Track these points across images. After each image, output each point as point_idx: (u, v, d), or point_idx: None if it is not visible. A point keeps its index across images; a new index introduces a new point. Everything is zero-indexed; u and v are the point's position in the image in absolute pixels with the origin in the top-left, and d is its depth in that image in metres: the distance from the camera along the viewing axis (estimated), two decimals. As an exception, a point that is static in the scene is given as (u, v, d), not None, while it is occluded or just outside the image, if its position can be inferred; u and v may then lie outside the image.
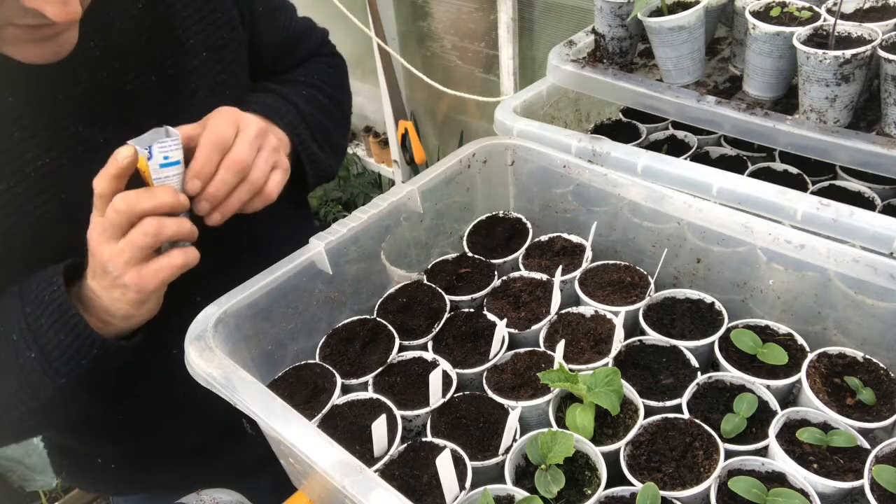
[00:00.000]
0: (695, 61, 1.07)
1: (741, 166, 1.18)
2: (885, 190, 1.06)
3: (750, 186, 0.92)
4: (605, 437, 0.83)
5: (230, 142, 0.85)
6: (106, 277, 0.80)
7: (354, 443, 0.84)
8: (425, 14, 2.74)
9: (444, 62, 2.79)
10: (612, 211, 1.05)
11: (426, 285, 1.06)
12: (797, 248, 0.87)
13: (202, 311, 0.87)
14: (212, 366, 0.79)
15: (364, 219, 1.00)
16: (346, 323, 1.02)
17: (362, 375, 0.93)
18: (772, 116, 0.98)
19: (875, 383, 0.83)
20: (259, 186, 0.88)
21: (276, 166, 0.91)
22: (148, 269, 0.80)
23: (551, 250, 1.10)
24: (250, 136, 0.86)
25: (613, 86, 1.12)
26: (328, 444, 0.70)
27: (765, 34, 0.98)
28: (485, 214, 1.18)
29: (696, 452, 0.79)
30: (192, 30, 0.96)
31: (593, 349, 0.94)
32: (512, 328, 0.98)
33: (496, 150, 1.14)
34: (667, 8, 1.05)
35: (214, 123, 0.85)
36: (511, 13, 2.28)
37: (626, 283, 1.01)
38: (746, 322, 0.94)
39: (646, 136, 1.28)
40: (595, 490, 0.76)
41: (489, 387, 0.91)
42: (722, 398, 0.86)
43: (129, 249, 0.78)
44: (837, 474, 0.75)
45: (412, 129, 2.86)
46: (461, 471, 0.79)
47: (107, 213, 0.78)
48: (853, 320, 0.88)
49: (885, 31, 0.92)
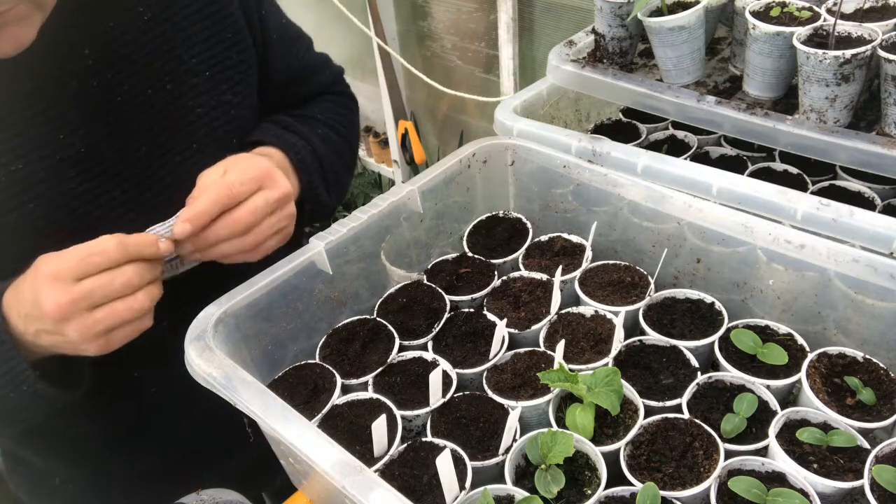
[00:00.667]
0: (695, 61, 1.07)
1: (741, 166, 1.18)
2: (885, 190, 1.07)
3: (750, 186, 0.92)
4: (605, 437, 0.83)
5: (236, 203, 0.83)
6: (42, 323, 0.76)
7: (354, 443, 0.84)
8: (425, 14, 2.74)
9: (444, 62, 2.79)
10: (612, 211, 1.05)
11: (426, 285, 1.06)
12: (797, 248, 0.87)
13: (203, 311, 0.87)
14: (212, 366, 0.79)
15: (364, 219, 1.00)
16: (346, 323, 1.02)
17: (362, 375, 0.93)
18: (772, 116, 0.98)
19: (875, 383, 0.83)
20: (248, 248, 0.86)
21: (279, 232, 0.90)
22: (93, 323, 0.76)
23: (551, 250, 1.10)
24: (270, 200, 0.85)
25: (613, 86, 1.12)
26: (328, 444, 0.70)
27: (765, 34, 0.98)
28: (485, 214, 1.18)
29: (696, 452, 0.79)
30: (196, 48, 0.94)
31: (593, 349, 0.94)
32: (512, 328, 0.98)
33: (496, 150, 1.14)
34: (667, 8, 1.05)
35: (233, 178, 0.84)
36: (511, 13, 2.28)
37: (626, 283, 1.01)
38: (746, 322, 0.94)
39: (646, 136, 1.28)
40: (595, 490, 0.76)
41: (489, 387, 0.91)
42: (722, 398, 0.86)
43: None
44: (837, 474, 0.75)
45: (412, 129, 2.86)
46: (461, 471, 0.79)
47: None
48: (853, 320, 0.88)
49: (885, 31, 0.92)
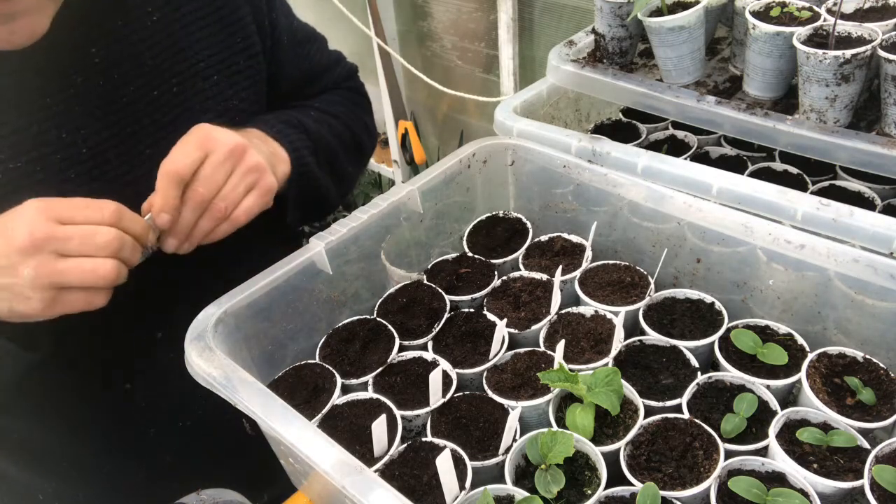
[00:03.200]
0: (695, 61, 1.07)
1: (741, 166, 1.18)
2: (885, 190, 1.06)
3: (750, 186, 0.92)
4: (605, 437, 0.83)
5: (189, 171, 0.80)
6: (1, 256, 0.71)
7: (354, 443, 0.84)
8: (425, 14, 2.74)
9: (444, 62, 2.79)
10: (612, 211, 1.05)
11: (426, 285, 1.06)
12: (797, 248, 0.87)
13: (203, 311, 0.87)
14: (212, 366, 0.79)
15: (364, 219, 1.00)
16: (346, 323, 1.02)
17: (362, 375, 0.93)
18: (772, 116, 0.98)
19: (875, 383, 0.83)
20: (224, 214, 0.84)
21: (253, 187, 0.86)
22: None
23: (551, 250, 1.10)
24: (218, 160, 0.82)
25: (613, 86, 1.12)
26: (328, 444, 0.70)
27: (765, 34, 0.98)
28: (485, 214, 1.18)
29: (696, 452, 0.79)
30: (204, 52, 0.94)
31: (593, 349, 0.94)
32: (512, 328, 0.98)
33: (496, 150, 1.14)
34: (667, 8, 1.05)
35: (175, 153, 0.81)
36: (511, 13, 2.28)
37: (626, 283, 1.01)
38: (746, 322, 0.94)
39: (646, 136, 1.28)
40: (595, 490, 0.76)
41: (489, 387, 0.91)
42: (722, 398, 0.86)
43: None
44: (837, 474, 0.75)
45: (412, 129, 2.86)
46: (461, 471, 0.79)
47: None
48: (853, 320, 0.87)
49: (885, 31, 0.92)
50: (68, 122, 0.84)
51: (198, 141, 0.82)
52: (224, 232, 0.86)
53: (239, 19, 0.97)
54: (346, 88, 1.19)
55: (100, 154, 0.86)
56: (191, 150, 0.81)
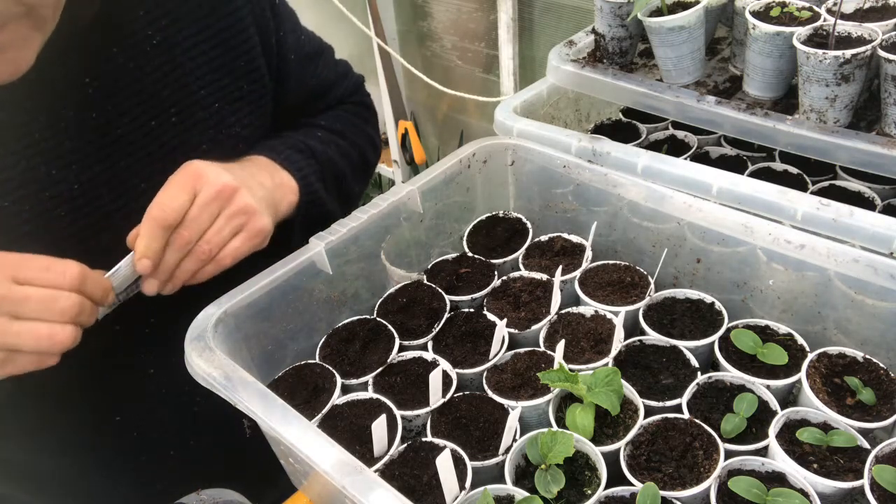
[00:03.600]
0: (695, 61, 1.07)
1: (741, 166, 1.18)
2: (885, 190, 1.07)
3: (750, 186, 0.92)
4: (605, 437, 0.83)
5: (176, 217, 0.78)
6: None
7: (354, 443, 0.84)
8: (425, 14, 2.74)
9: (444, 62, 2.79)
10: (612, 211, 1.05)
11: (426, 285, 1.06)
12: (797, 248, 0.87)
13: (203, 311, 0.87)
14: (212, 366, 0.79)
15: (364, 219, 1.00)
16: (346, 323, 1.02)
17: (362, 375, 0.93)
18: (772, 116, 0.98)
19: (875, 383, 0.83)
20: (208, 256, 0.82)
21: (241, 230, 0.84)
22: None
23: (551, 250, 1.10)
24: (204, 201, 0.79)
25: (613, 86, 1.12)
26: (328, 444, 0.70)
27: (765, 34, 0.98)
28: (485, 214, 1.18)
29: (696, 452, 0.79)
30: (206, 78, 0.89)
31: (593, 349, 0.94)
32: (512, 328, 0.98)
33: (496, 150, 1.14)
34: (667, 8, 1.05)
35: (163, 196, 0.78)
36: (511, 13, 2.28)
37: (626, 283, 1.01)
38: (746, 322, 0.94)
39: (646, 136, 1.28)
40: (595, 490, 0.76)
41: (489, 387, 0.91)
42: (722, 398, 0.86)
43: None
44: (837, 474, 0.75)
45: (412, 129, 2.86)
46: (461, 471, 0.79)
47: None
48: (853, 320, 0.87)
49: (885, 31, 0.92)
50: (58, 157, 0.80)
51: (185, 181, 0.80)
52: (209, 273, 0.84)
53: (244, 41, 0.93)
54: (352, 103, 1.16)
55: (91, 190, 0.82)
56: (178, 193, 0.79)
